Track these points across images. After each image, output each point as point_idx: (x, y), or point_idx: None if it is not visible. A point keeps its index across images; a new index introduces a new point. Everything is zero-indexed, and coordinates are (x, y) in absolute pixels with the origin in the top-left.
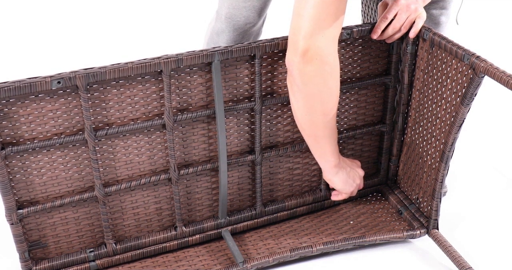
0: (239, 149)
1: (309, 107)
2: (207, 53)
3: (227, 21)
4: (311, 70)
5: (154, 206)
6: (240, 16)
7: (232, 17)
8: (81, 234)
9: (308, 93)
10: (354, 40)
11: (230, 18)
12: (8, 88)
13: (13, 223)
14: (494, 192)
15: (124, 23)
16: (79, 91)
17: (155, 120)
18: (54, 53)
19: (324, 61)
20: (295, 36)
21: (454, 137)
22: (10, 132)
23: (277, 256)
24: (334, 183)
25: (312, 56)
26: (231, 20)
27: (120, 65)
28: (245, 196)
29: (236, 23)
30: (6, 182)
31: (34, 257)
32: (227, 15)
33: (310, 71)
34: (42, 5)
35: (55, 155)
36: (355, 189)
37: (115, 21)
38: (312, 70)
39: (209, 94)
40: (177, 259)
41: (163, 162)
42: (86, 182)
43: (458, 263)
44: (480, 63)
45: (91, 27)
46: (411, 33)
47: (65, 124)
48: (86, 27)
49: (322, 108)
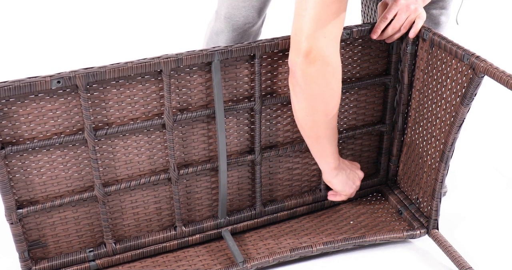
0: (238, 149)
1: (311, 108)
2: (207, 53)
3: (226, 21)
4: (314, 70)
5: (154, 205)
6: (239, 16)
7: (231, 17)
8: (80, 233)
9: (311, 94)
10: (354, 40)
11: (229, 18)
12: (8, 87)
13: (12, 222)
14: (494, 192)
15: (124, 22)
16: (79, 91)
17: (155, 120)
18: (54, 53)
19: (326, 61)
20: (297, 37)
21: (454, 136)
22: (10, 132)
23: (277, 256)
24: (334, 184)
25: (315, 57)
26: (230, 20)
27: (120, 64)
28: (245, 196)
29: (235, 23)
30: (6, 182)
31: (33, 257)
32: (226, 15)
33: (313, 72)
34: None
35: (54, 154)
36: (354, 191)
37: (115, 20)
38: (315, 70)
39: (208, 94)
40: (177, 259)
41: (163, 161)
42: (86, 182)
43: (458, 263)
44: (480, 63)
45: (91, 26)
46: (411, 33)
47: (65, 124)
48: (86, 26)
49: (324, 109)
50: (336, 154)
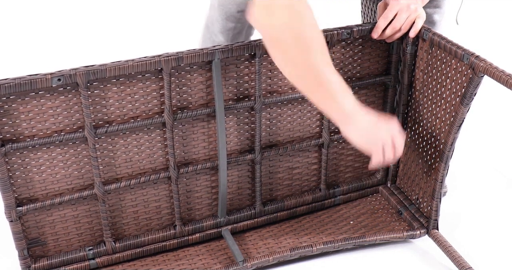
0: (239, 148)
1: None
2: (208, 52)
3: (219, 9)
4: (277, 24)
5: (154, 204)
6: (232, 3)
7: (224, 4)
8: (80, 232)
9: (285, 46)
10: (354, 40)
11: (222, 5)
12: (8, 85)
13: (12, 220)
14: (494, 192)
15: (125, 21)
16: (80, 88)
17: (155, 119)
18: (55, 51)
19: (288, 9)
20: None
21: (454, 136)
22: (10, 130)
23: (277, 255)
24: (351, 137)
25: (274, 8)
26: (224, 7)
27: (121, 63)
28: (245, 195)
29: (228, 10)
30: (6, 179)
31: (33, 255)
32: (219, 3)
33: (278, 23)
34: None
35: (55, 152)
36: (388, 149)
37: (116, 18)
38: (277, 24)
39: (209, 93)
40: (177, 258)
41: (163, 160)
42: (86, 180)
43: (458, 263)
44: (480, 63)
45: (91, 24)
46: (411, 32)
47: (65, 121)
48: (87, 24)
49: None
50: (346, 91)
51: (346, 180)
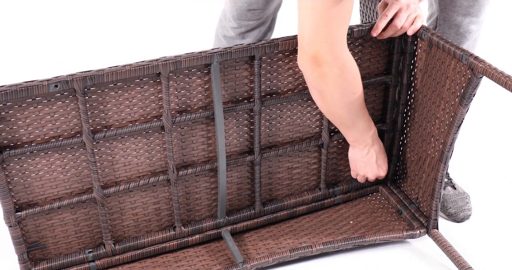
0: (238, 149)
1: (326, 105)
2: (206, 55)
3: (231, 5)
4: (322, 74)
5: (153, 206)
6: (242, 1)
7: (236, 0)
8: (79, 234)
9: (326, 92)
10: (354, 40)
11: (234, 1)
12: (5, 92)
13: (11, 225)
14: (494, 192)
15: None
16: (77, 94)
17: (154, 122)
18: (52, 56)
19: (332, 65)
20: (301, 42)
21: (453, 137)
22: (8, 136)
23: (277, 256)
24: (350, 153)
25: (319, 62)
26: (235, 5)
27: (118, 68)
28: (244, 196)
29: (239, 8)
30: (4, 185)
31: (33, 258)
32: None
33: (320, 75)
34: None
35: (53, 157)
36: (360, 178)
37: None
38: (322, 74)
39: (208, 96)
40: (177, 259)
41: (162, 163)
42: (85, 184)
43: (458, 263)
44: (479, 63)
45: (89, 29)
46: (410, 30)
47: (63, 127)
48: (84, 29)
49: (339, 106)
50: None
51: (345, 179)
